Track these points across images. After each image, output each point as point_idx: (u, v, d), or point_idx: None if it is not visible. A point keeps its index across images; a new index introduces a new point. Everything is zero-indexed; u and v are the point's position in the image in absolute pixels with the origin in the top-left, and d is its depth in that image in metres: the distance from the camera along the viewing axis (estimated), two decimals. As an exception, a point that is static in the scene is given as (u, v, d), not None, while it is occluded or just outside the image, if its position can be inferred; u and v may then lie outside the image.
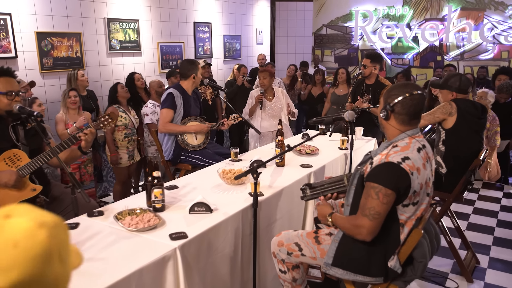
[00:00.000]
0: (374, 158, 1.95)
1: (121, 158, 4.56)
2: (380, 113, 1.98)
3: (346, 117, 2.21)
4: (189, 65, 3.74)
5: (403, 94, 1.95)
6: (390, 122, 1.98)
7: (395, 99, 1.94)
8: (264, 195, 2.66)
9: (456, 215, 4.25)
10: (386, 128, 2.01)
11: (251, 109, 4.71)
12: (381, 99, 2.02)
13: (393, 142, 1.99)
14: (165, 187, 2.75)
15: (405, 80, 6.17)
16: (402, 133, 1.98)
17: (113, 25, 5.69)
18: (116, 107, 4.49)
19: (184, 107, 3.71)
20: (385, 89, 4.69)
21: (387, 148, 1.97)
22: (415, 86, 2.03)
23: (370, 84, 4.73)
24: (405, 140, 1.96)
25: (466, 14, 8.39)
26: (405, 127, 1.98)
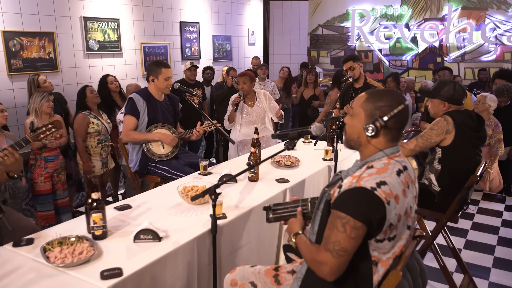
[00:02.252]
0: (344, 181, 1.60)
1: (94, 166, 4.24)
2: (367, 130, 1.61)
3: (313, 131, 1.86)
4: (150, 66, 3.41)
5: (396, 105, 1.61)
6: (374, 139, 1.64)
7: (390, 112, 1.59)
8: (227, 217, 2.32)
9: (453, 231, 3.90)
10: (364, 146, 1.66)
11: (230, 114, 4.38)
12: (359, 110, 1.65)
13: (368, 161, 1.64)
14: (117, 207, 2.42)
15: (395, 85, 5.82)
16: (380, 152, 1.63)
17: (90, 24, 5.36)
18: (86, 113, 4.17)
19: (148, 113, 3.37)
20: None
21: (361, 169, 1.62)
22: (401, 94, 1.70)
23: (359, 87, 4.39)
24: (383, 160, 1.61)
25: (467, 14, 8.04)
26: (387, 145, 1.64)
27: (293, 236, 1.77)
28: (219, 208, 2.30)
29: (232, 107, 4.34)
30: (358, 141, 1.67)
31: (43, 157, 3.90)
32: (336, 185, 1.63)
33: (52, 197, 4.07)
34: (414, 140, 2.90)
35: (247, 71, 4.61)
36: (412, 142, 2.90)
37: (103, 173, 4.36)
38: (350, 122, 1.69)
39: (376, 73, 9.09)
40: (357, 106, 1.66)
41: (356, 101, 1.67)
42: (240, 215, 2.38)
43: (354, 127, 1.66)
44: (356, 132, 1.66)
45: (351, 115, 1.68)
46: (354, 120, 1.66)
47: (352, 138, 1.69)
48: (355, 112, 1.66)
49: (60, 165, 4.10)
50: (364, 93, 1.67)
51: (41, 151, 3.88)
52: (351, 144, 1.71)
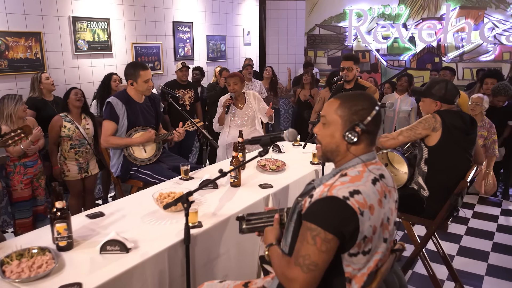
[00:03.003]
0: (316, 190, 1.50)
1: (69, 170, 4.09)
2: (347, 137, 1.50)
3: (286, 137, 1.75)
4: (128, 69, 3.30)
5: (372, 107, 1.53)
6: (353, 146, 1.53)
7: (368, 115, 1.51)
8: (202, 225, 2.21)
9: (446, 236, 3.80)
10: (339, 152, 1.55)
11: (221, 116, 4.27)
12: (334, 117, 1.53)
13: (342, 169, 1.54)
14: (89, 215, 2.32)
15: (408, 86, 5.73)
16: (355, 158, 1.53)
17: (79, 24, 5.26)
18: (62, 116, 4.02)
19: (128, 117, 3.26)
20: (367, 91, 4.26)
21: (334, 177, 1.52)
22: (371, 95, 1.60)
23: (350, 88, 4.28)
24: (358, 167, 1.51)
25: (465, 13, 7.90)
26: (365, 150, 1.54)
27: (267, 247, 1.67)
28: (194, 216, 2.19)
29: (223, 109, 4.24)
30: (337, 151, 1.56)
31: (22, 163, 3.77)
32: (308, 195, 1.53)
33: (32, 203, 3.95)
34: (398, 130, 2.81)
35: (236, 72, 4.51)
36: (396, 132, 2.81)
37: (80, 178, 4.20)
38: (325, 132, 1.57)
39: (373, 73, 8.97)
40: (330, 113, 1.55)
41: (327, 109, 1.56)
42: (217, 223, 2.28)
43: (331, 136, 1.55)
44: (334, 142, 1.55)
45: (323, 124, 1.57)
46: (330, 129, 1.55)
47: (329, 149, 1.57)
48: (330, 120, 1.55)
49: (39, 169, 3.98)
50: (333, 99, 1.57)
51: (20, 157, 3.76)
52: (328, 156, 1.60)
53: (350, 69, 4.24)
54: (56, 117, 4.01)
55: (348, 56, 4.29)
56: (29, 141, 3.62)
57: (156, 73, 6.46)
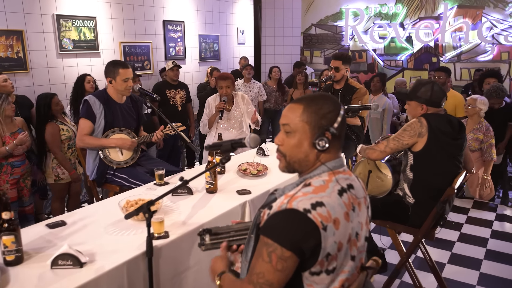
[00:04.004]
0: (276, 201, 1.35)
1: (63, 173, 4.00)
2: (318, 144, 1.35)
3: (247, 143, 1.61)
4: (107, 67, 3.17)
5: (338, 109, 1.40)
6: (323, 154, 1.39)
7: (336, 118, 1.38)
8: (169, 236, 2.07)
9: (438, 243, 3.64)
10: (309, 162, 1.40)
11: (211, 119, 4.10)
12: (299, 124, 1.38)
13: (306, 178, 1.39)
14: (49, 224, 2.18)
15: (381, 86, 5.53)
16: (322, 166, 1.39)
17: (64, 22, 5.13)
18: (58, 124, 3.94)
19: (105, 117, 3.12)
20: (357, 93, 4.10)
21: (297, 186, 1.38)
22: (333, 96, 1.47)
23: (339, 88, 4.13)
24: (323, 176, 1.37)
25: (463, 12, 7.75)
26: (333, 157, 1.40)
27: (218, 276, 1.52)
28: (159, 226, 2.05)
29: (215, 113, 4.05)
30: (306, 161, 1.41)
31: (10, 162, 3.66)
32: (268, 206, 1.39)
33: (18, 204, 3.84)
34: (385, 141, 2.65)
35: (228, 74, 4.35)
36: (382, 144, 2.65)
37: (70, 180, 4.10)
38: (290, 142, 1.41)
39: (370, 73, 8.82)
40: (294, 120, 1.39)
41: (289, 116, 1.41)
42: (186, 232, 2.14)
43: (298, 146, 1.40)
44: (302, 151, 1.40)
45: (287, 133, 1.43)
46: (296, 137, 1.40)
47: (297, 159, 1.41)
48: (295, 128, 1.39)
49: (26, 170, 3.87)
50: (294, 103, 1.42)
51: (7, 157, 3.64)
52: (294, 168, 1.44)
53: (338, 69, 4.06)
54: (51, 125, 3.91)
55: (337, 55, 4.11)
56: (14, 144, 3.51)
57: (146, 73, 6.32)
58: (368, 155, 2.69)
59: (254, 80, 6.34)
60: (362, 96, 4.03)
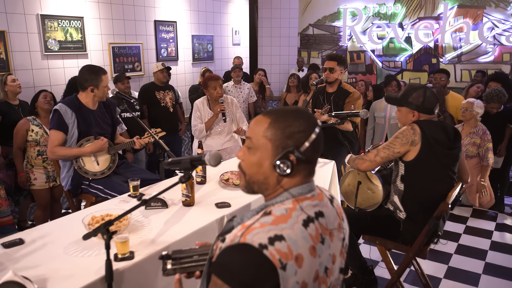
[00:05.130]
0: (232, 232, 1.17)
1: (36, 179, 3.82)
2: (279, 168, 1.16)
3: (207, 160, 1.42)
4: (88, 74, 2.98)
5: (312, 129, 1.19)
6: (286, 178, 1.20)
7: (306, 139, 1.17)
8: (134, 257, 1.89)
9: (435, 256, 3.46)
10: (268, 186, 1.22)
11: (208, 123, 3.89)
12: (262, 141, 1.19)
13: (268, 205, 1.21)
14: (4, 243, 2.00)
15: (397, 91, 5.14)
16: (285, 192, 1.20)
17: (49, 23, 4.96)
18: (30, 119, 3.76)
19: (79, 126, 2.95)
20: (350, 97, 3.91)
21: (257, 214, 1.19)
22: (311, 113, 1.27)
23: (332, 92, 3.94)
24: (286, 204, 1.18)
25: (463, 12, 7.55)
26: (301, 182, 1.21)
27: None
28: (123, 246, 1.87)
29: (214, 117, 3.86)
30: (265, 184, 1.22)
31: None
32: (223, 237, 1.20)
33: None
34: (375, 150, 2.46)
35: (216, 74, 4.16)
36: (372, 153, 2.46)
37: (49, 187, 3.91)
38: (250, 159, 1.22)
39: (368, 74, 8.64)
40: (257, 135, 1.21)
41: (254, 129, 1.22)
42: (154, 253, 1.96)
43: (258, 165, 1.21)
44: (262, 172, 1.21)
45: (248, 149, 1.24)
46: (257, 155, 1.21)
47: (255, 180, 1.23)
48: (257, 144, 1.21)
49: None
50: (262, 116, 1.24)
51: None
52: (253, 189, 1.26)
53: (332, 70, 3.86)
54: (22, 120, 3.76)
55: (332, 56, 3.91)
56: None
57: (136, 74, 6.16)
58: (358, 166, 2.51)
59: (243, 81, 6.17)
60: (355, 101, 3.85)
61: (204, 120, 3.95)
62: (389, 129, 5.07)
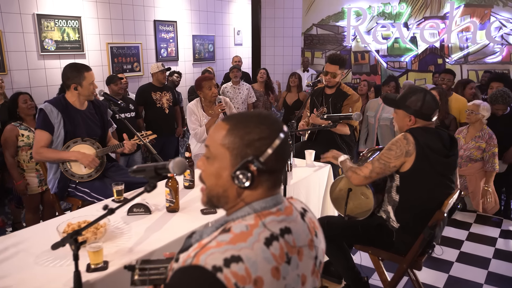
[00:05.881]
0: (188, 250, 1.06)
1: (28, 184, 3.72)
2: (237, 179, 1.05)
3: (171, 168, 1.32)
4: (70, 71, 2.90)
5: (275, 135, 1.07)
6: (248, 191, 1.08)
7: (268, 147, 1.05)
8: (108, 267, 1.80)
9: (435, 263, 3.33)
10: (228, 199, 1.11)
11: (209, 125, 3.75)
12: (220, 150, 1.08)
13: (228, 220, 1.10)
14: (-25, 250, 1.91)
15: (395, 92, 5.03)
16: (246, 207, 1.09)
17: (45, 22, 4.91)
18: (16, 125, 3.64)
19: (65, 126, 2.86)
20: (348, 99, 3.78)
21: (216, 231, 1.08)
22: (276, 118, 1.14)
23: (331, 93, 3.82)
24: (248, 220, 1.06)
25: (470, 12, 7.39)
26: (264, 195, 1.10)
27: None
28: (96, 256, 1.78)
29: (215, 117, 3.75)
30: (225, 197, 1.11)
31: None
32: (175, 259, 1.10)
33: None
34: (369, 164, 2.33)
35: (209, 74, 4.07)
36: (367, 167, 2.33)
37: (42, 191, 3.82)
38: (209, 169, 1.11)
39: (373, 75, 8.50)
40: (215, 143, 1.09)
41: (212, 136, 1.11)
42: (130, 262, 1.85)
43: (217, 176, 1.10)
44: (221, 184, 1.10)
45: (207, 158, 1.13)
46: (215, 165, 1.10)
47: (215, 193, 1.12)
48: (214, 153, 1.10)
49: None
50: (222, 122, 1.12)
51: None
52: (213, 203, 1.14)
53: (334, 75, 3.71)
54: (9, 127, 3.61)
55: (333, 59, 3.70)
56: None
57: (135, 75, 6.09)
58: (350, 179, 2.38)
59: (242, 82, 6.06)
60: (353, 103, 3.72)
61: (201, 123, 3.85)
62: (379, 129, 4.93)
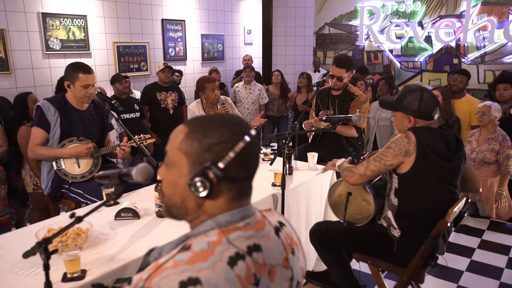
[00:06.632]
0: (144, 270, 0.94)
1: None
2: (194, 187, 0.93)
3: (134, 175, 1.20)
4: (67, 69, 2.84)
5: (237, 139, 0.94)
6: (209, 201, 0.97)
7: (228, 152, 0.93)
8: (85, 277, 1.70)
9: (443, 272, 3.16)
10: (188, 210, 0.99)
11: None
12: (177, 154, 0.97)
13: (190, 236, 0.99)
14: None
15: (388, 89, 4.90)
16: (208, 220, 0.97)
17: (50, 21, 4.87)
18: (30, 125, 3.63)
19: (62, 125, 2.80)
20: (355, 101, 3.64)
21: (177, 247, 0.97)
22: (241, 119, 1.02)
23: (337, 94, 3.68)
24: (211, 236, 0.94)
25: (488, 10, 7.13)
26: (230, 207, 0.98)
27: None
28: (73, 265, 1.68)
29: None
30: (184, 208, 0.99)
31: None
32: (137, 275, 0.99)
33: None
34: (365, 161, 2.20)
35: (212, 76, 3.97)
36: (362, 165, 2.20)
37: None
38: (167, 178, 1.01)
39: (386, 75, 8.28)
40: (173, 147, 0.98)
41: (171, 140, 0.99)
42: (110, 271, 1.76)
43: (174, 185, 0.99)
44: (178, 193, 0.98)
45: (166, 165, 1.02)
46: (172, 172, 0.99)
47: (173, 203, 1.01)
48: (172, 159, 0.98)
49: (1, 177, 3.62)
50: (183, 124, 1.01)
51: None
52: (173, 214, 1.03)
53: (341, 79, 3.56)
54: (23, 128, 3.61)
55: (340, 62, 3.52)
56: None
57: (142, 74, 6.04)
58: (346, 179, 2.25)
59: (254, 82, 5.95)
60: (361, 105, 3.58)
61: None
62: (377, 130, 4.78)
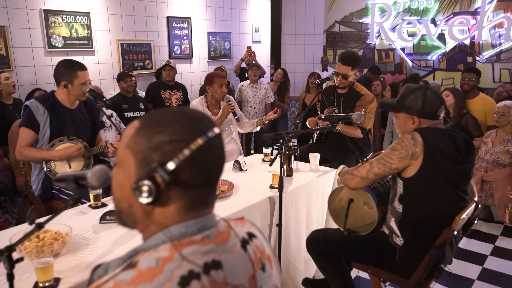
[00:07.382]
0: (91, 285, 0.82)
1: None
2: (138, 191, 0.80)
3: (89, 178, 1.07)
4: (62, 68, 2.73)
5: (191, 138, 0.80)
6: (158, 209, 0.83)
7: (178, 153, 0.79)
8: (58, 285, 1.59)
9: (452, 281, 2.99)
10: (136, 218, 0.86)
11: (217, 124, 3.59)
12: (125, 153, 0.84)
13: (139, 250, 0.84)
14: None
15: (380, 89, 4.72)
16: (159, 233, 0.84)
17: (53, 18, 4.80)
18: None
19: (51, 125, 2.69)
20: (361, 100, 3.49)
21: (122, 265, 0.83)
22: (204, 116, 0.87)
23: (343, 93, 3.53)
24: (161, 251, 0.80)
25: (504, 6, 6.88)
26: (184, 217, 0.84)
27: None
28: (45, 273, 1.57)
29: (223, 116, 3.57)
30: (131, 215, 0.87)
31: None
32: None
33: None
34: (367, 163, 2.04)
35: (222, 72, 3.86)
36: (364, 167, 2.04)
37: None
38: (115, 177, 0.88)
39: (398, 74, 8.10)
40: (122, 145, 0.85)
41: (123, 135, 0.87)
42: (85, 280, 1.64)
43: (121, 187, 0.86)
44: (125, 197, 0.86)
45: (116, 165, 0.89)
46: (120, 173, 0.86)
47: (121, 208, 0.88)
48: (120, 158, 0.86)
49: None
50: (137, 119, 0.87)
51: None
52: (122, 219, 0.90)
53: (346, 77, 3.41)
54: (17, 122, 3.54)
55: (345, 59, 3.38)
56: None
57: (147, 72, 5.95)
58: (346, 183, 2.10)
59: (261, 80, 5.82)
60: (367, 104, 3.42)
61: None
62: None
